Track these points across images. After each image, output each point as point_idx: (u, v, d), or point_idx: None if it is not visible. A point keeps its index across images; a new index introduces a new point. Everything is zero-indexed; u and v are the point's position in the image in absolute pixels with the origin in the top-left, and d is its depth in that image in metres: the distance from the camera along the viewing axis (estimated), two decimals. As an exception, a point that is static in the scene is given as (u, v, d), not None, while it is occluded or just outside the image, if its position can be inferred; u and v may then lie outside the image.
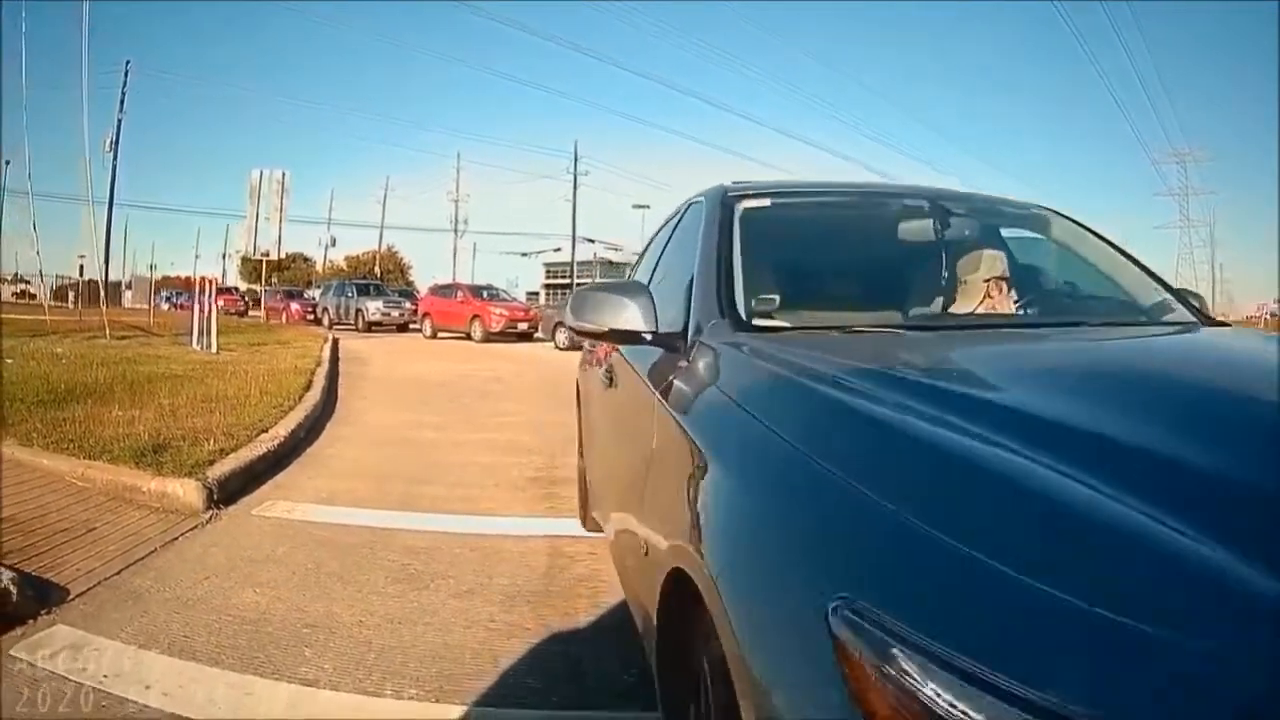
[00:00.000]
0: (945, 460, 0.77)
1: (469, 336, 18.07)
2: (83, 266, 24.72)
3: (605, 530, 2.14)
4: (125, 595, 2.37)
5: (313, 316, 23.01)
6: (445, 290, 20.65)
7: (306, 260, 46.31)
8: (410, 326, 20.84)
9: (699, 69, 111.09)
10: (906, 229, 1.92)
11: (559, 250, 43.42)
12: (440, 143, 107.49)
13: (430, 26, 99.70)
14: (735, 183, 1.99)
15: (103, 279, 17.35)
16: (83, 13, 12.67)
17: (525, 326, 18.42)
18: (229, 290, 30.93)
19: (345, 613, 2.27)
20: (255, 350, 10.20)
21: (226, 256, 42.71)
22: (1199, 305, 1.88)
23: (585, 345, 3.19)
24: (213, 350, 9.62)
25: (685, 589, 0.96)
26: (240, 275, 42.15)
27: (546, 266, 50.21)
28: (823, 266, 1.95)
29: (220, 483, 3.40)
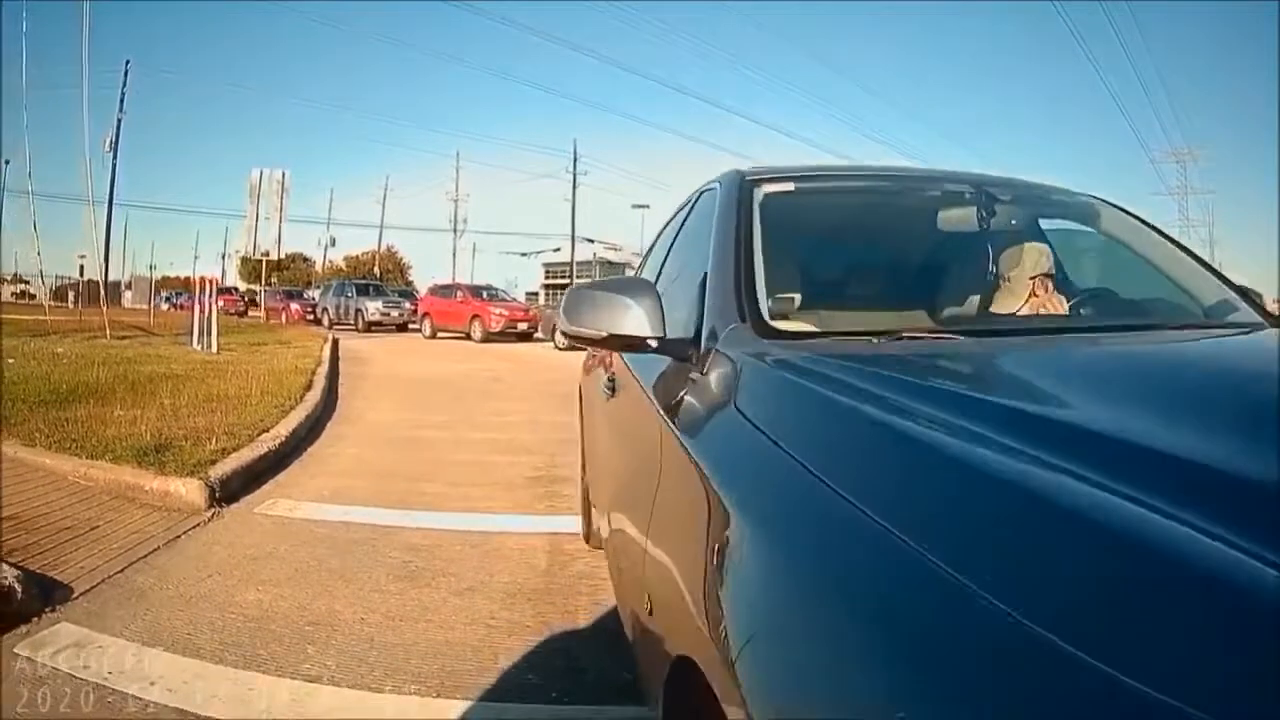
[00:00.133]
0: (1070, 530, 0.53)
1: (468, 336, 18.10)
2: (83, 267, 24.78)
3: (608, 559, 1.90)
4: (128, 593, 2.39)
5: (312, 316, 23.05)
6: (445, 290, 20.69)
7: (306, 260, 46.35)
8: (409, 326, 20.88)
9: (699, 68, 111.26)
10: (947, 217, 1.73)
11: (558, 250, 43.47)
12: (439, 142, 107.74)
13: (429, 26, 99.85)
14: (754, 167, 1.77)
15: (103, 279, 17.30)
16: (83, 12, 12.69)
17: (525, 327, 18.48)
18: (228, 290, 30.96)
19: (347, 610, 2.29)
20: (255, 350, 10.22)
21: (226, 257, 42.82)
22: (1260, 303, 1.67)
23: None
24: (213, 350, 9.65)
25: (698, 684, 0.76)
26: (239, 275, 42.20)
27: (546, 267, 50.23)
28: (855, 260, 1.78)
29: (222, 481, 3.42)
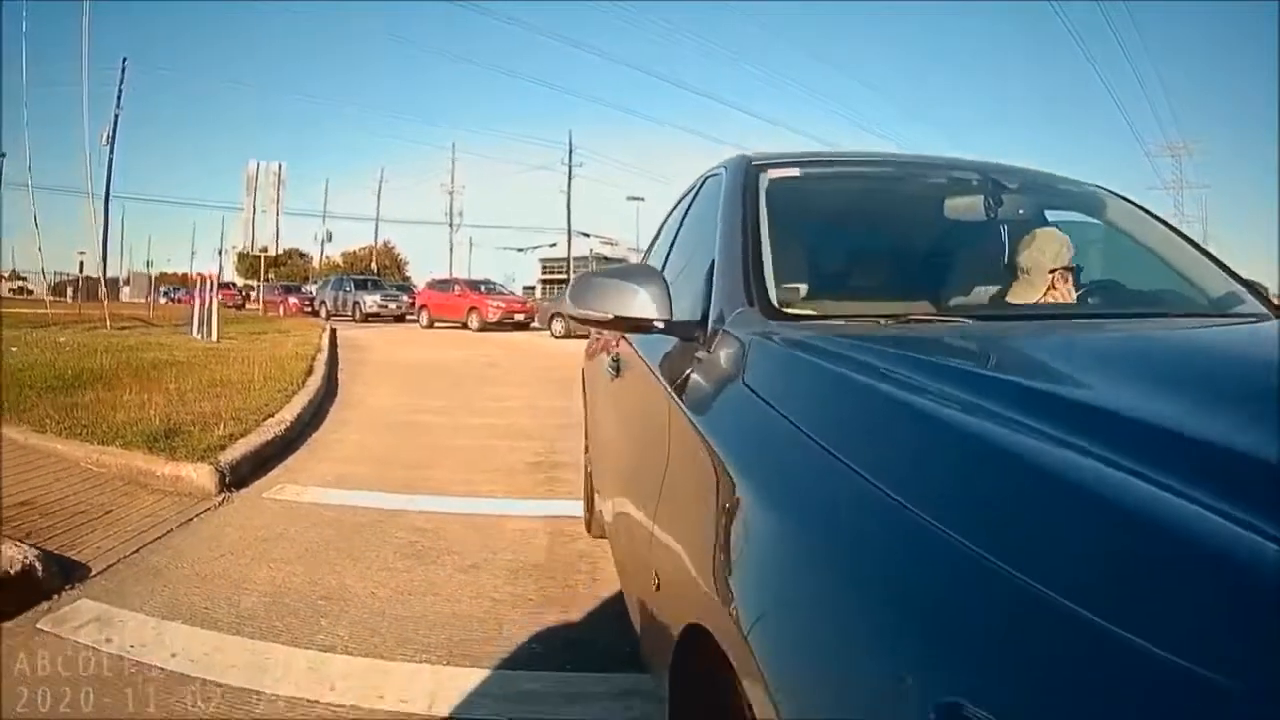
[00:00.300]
0: (1084, 500, 0.53)
1: (465, 326, 18.21)
2: (82, 263, 24.80)
3: (612, 544, 1.94)
4: (145, 572, 2.48)
5: (310, 309, 23.15)
6: (443, 285, 20.76)
7: (303, 256, 46.17)
8: (406, 318, 21.00)
9: (696, 62, 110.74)
10: (954, 205, 1.73)
11: (554, 245, 43.43)
12: (435, 135, 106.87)
13: (424, 19, 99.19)
14: (759, 152, 1.79)
15: (102, 273, 17.33)
16: (83, 10, 12.65)
17: (521, 316, 18.62)
18: (227, 285, 30.98)
19: (357, 585, 2.39)
20: (256, 339, 10.30)
21: (222, 252, 42.55)
22: (1265, 295, 1.68)
23: (591, 333, 3.00)
24: (213, 338, 9.72)
25: (708, 649, 0.76)
26: (236, 271, 42.05)
27: (542, 262, 50.18)
28: (861, 246, 1.80)
29: (232, 467, 3.51)
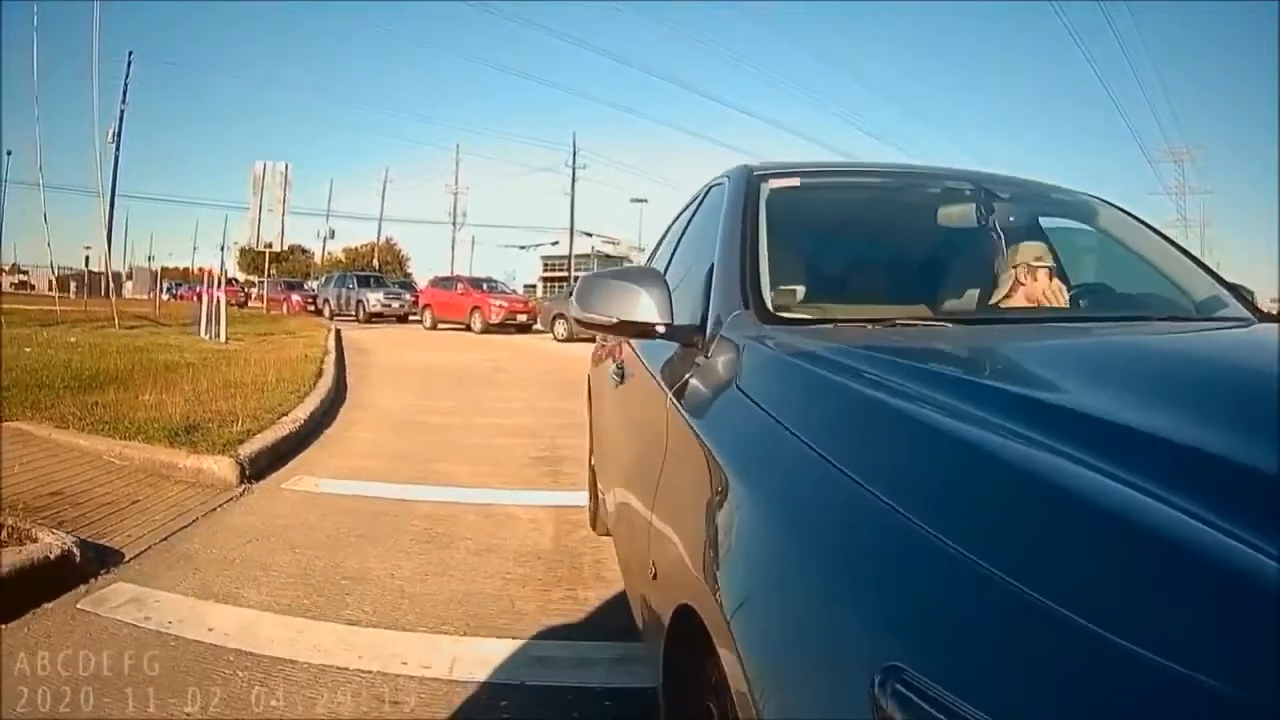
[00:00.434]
0: (1034, 490, 0.59)
1: (469, 328, 18.35)
2: (88, 258, 25.06)
3: (615, 540, 2.05)
4: (176, 557, 2.64)
5: (313, 307, 23.26)
6: (445, 283, 20.91)
7: (305, 252, 46.38)
8: (410, 318, 21.11)
9: (698, 63, 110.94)
10: (947, 214, 1.80)
11: (556, 244, 43.65)
12: (439, 135, 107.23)
13: (429, 20, 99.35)
14: (761, 163, 1.86)
15: (106, 270, 17.46)
16: (93, 7, 12.83)
17: (524, 318, 18.73)
18: (230, 282, 31.16)
19: (378, 567, 2.56)
20: (263, 340, 10.45)
21: (225, 248, 42.80)
22: (1251, 299, 1.74)
23: (597, 339, 3.06)
24: (221, 340, 9.85)
25: (695, 628, 0.84)
26: (239, 266, 42.26)
27: (544, 260, 50.43)
28: (857, 253, 1.85)
29: (251, 460, 3.68)
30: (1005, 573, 0.51)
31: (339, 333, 12.92)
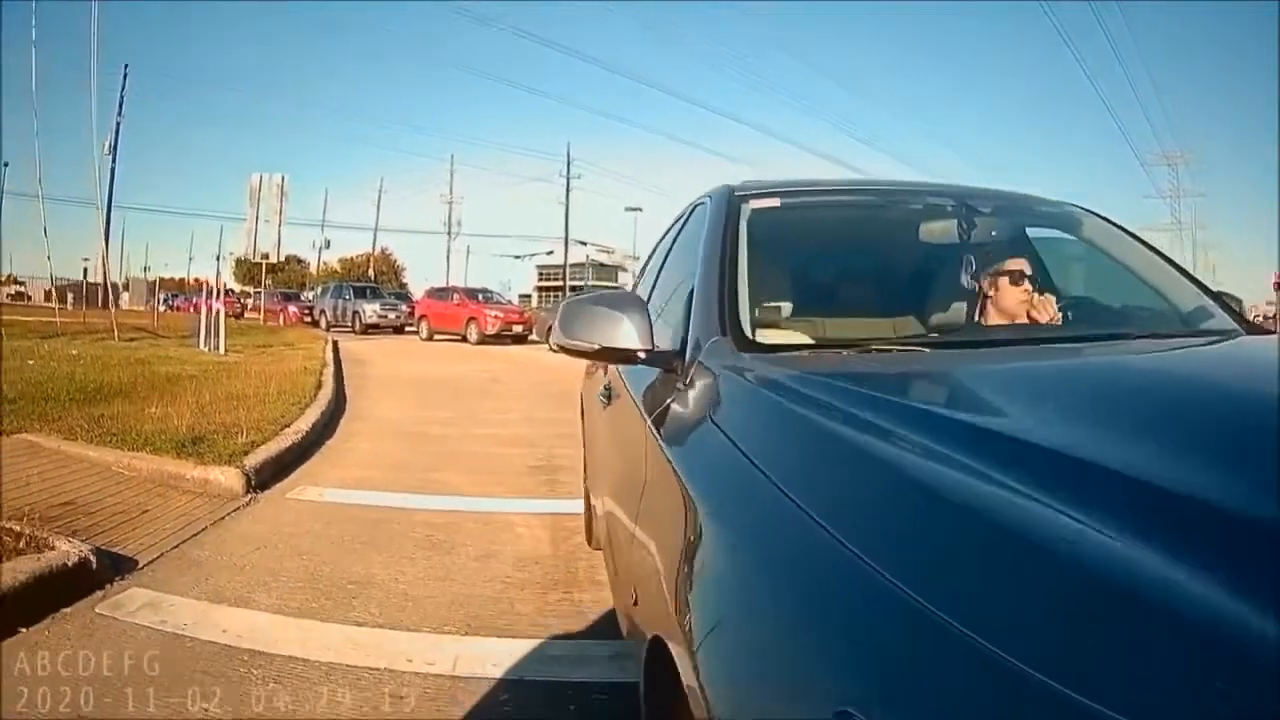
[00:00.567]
0: (998, 539, 0.60)
1: (465, 338, 18.46)
2: (87, 270, 25.20)
3: (605, 559, 2.05)
4: (187, 563, 2.75)
5: (310, 318, 23.34)
6: (442, 293, 21.03)
7: (300, 262, 46.51)
8: (406, 329, 21.21)
9: (691, 73, 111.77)
10: (929, 230, 1.80)
11: (551, 253, 43.99)
12: (434, 146, 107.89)
13: (424, 30, 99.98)
14: (744, 182, 1.83)
15: (104, 281, 17.57)
16: (91, 20, 12.97)
17: (520, 329, 18.84)
18: (227, 292, 31.25)
19: (382, 572, 2.68)
20: (262, 351, 10.56)
21: (220, 258, 42.90)
22: (1239, 309, 1.73)
23: None
24: (221, 351, 9.95)
25: (668, 657, 0.86)
26: (234, 277, 42.34)
27: (539, 269, 50.72)
28: (837, 274, 1.84)
29: (256, 470, 3.79)
30: (963, 624, 0.50)
31: (336, 344, 13.02)
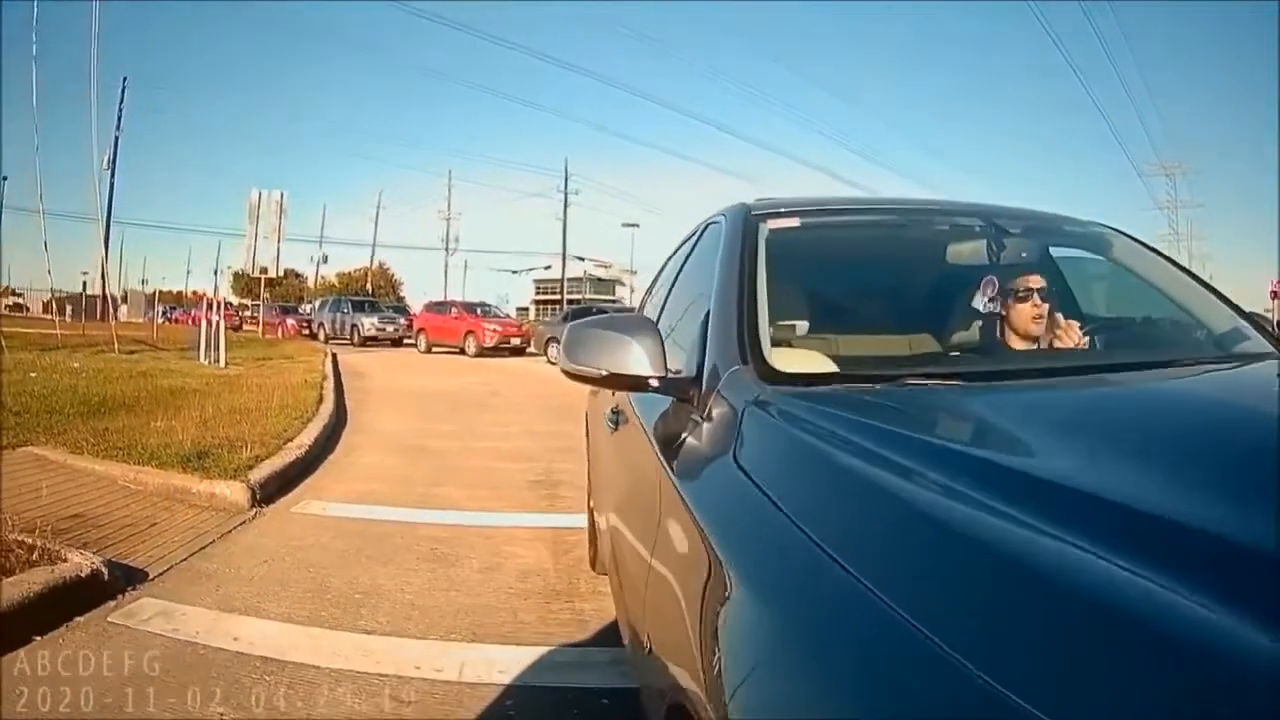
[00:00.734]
0: (1039, 595, 0.57)
1: (463, 351, 18.55)
2: (86, 282, 25.33)
3: (611, 587, 1.95)
4: (197, 575, 2.82)
5: (308, 331, 23.45)
6: (440, 307, 21.15)
7: (298, 276, 46.70)
8: (404, 341, 21.31)
9: (690, 88, 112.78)
10: (957, 251, 1.72)
11: (549, 268, 44.17)
12: (432, 161, 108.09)
13: (422, 45, 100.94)
14: (759, 200, 1.75)
15: (103, 294, 17.66)
16: (92, 35, 13.14)
17: (518, 342, 18.95)
18: (227, 306, 31.37)
19: (388, 583, 2.76)
20: (262, 365, 10.62)
21: (218, 272, 43.03)
22: (1271, 329, 1.66)
23: None
24: (221, 365, 10.00)
25: None
26: (232, 290, 42.45)
27: (536, 283, 50.95)
28: (863, 299, 1.77)
29: (261, 484, 3.87)
30: (1004, 686, 0.48)
31: (335, 357, 13.09)
